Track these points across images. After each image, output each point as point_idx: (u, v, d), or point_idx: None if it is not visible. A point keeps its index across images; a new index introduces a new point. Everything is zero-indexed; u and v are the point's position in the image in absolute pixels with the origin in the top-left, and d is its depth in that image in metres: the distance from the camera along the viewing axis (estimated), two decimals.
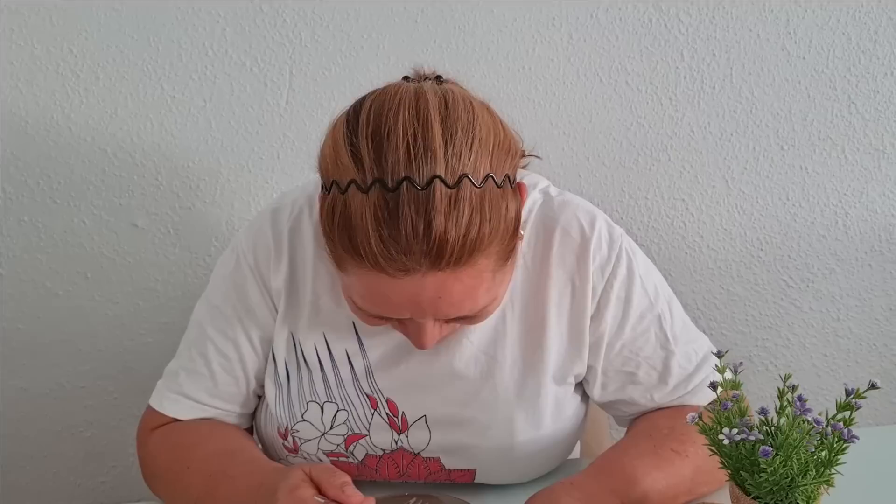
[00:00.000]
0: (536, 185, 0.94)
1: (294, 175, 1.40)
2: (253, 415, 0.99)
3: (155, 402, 0.96)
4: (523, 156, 0.89)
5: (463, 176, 0.72)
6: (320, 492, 0.76)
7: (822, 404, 1.68)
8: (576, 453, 1.12)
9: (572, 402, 0.94)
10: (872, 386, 0.66)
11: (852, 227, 1.59)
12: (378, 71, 1.39)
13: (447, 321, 0.81)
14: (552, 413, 0.91)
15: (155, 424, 0.97)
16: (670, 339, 0.92)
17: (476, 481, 0.93)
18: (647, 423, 0.93)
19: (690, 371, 0.93)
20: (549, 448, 0.93)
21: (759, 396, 0.86)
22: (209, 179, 1.39)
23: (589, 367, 0.92)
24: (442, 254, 0.71)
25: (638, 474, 0.82)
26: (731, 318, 1.60)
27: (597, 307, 0.89)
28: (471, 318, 0.81)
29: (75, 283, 1.39)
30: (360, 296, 0.79)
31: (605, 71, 1.47)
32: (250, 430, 1.01)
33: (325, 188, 0.78)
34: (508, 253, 0.79)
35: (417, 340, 0.81)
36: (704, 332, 1.34)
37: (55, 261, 1.37)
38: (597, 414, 1.27)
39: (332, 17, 1.36)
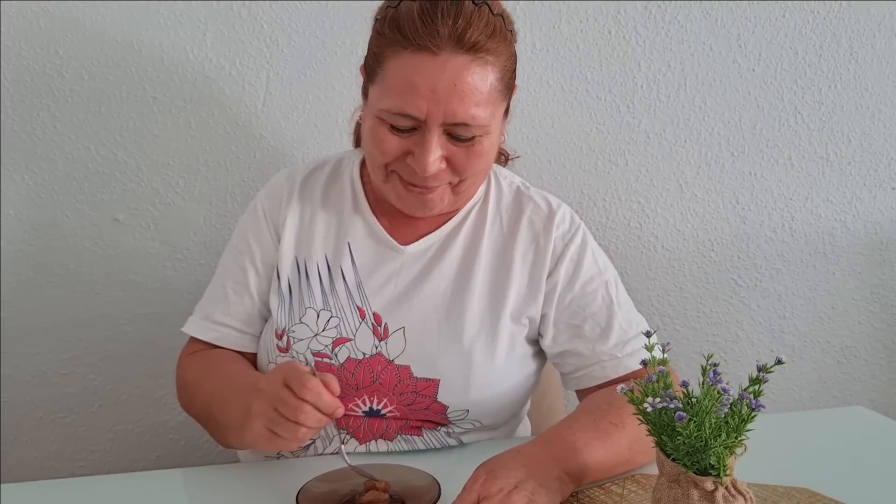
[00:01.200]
0: (516, 178, 1.17)
1: (269, 174, 1.45)
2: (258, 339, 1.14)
3: (185, 328, 1.13)
4: (507, 158, 1.22)
5: (485, 3, 0.94)
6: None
7: (767, 397, 1.78)
8: (528, 432, 1.21)
9: (523, 348, 1.08)
10: (778, 361, 0.75)
11: (798, 230, 1.69)
12: (351, 76, 1.46)
13: (451, 138, 0.96)
14: (506, 347, 1.05)
15: (188, 351, 1.14)
16: (615, 302, 1.08)
17: (439, 398, 1.03)
18: (588, 402, 1.02)
19: (630, 336, 1.06)
20: (501, 382, 1.05)
21: None
22: (188, 176, 1.45)
23: (543, 317, 1.08)
24: (463, 37, 0.92)
25: (578, 445, 0.90)
26: (684, 315, 1.68)
27: (554, 265, 1.08)
28: (468, 141, 0.97)
29: (58, 274, 1.44)
30: (390, 93, 0.95)
31: (567, 79, 1.55)
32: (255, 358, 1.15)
33: (376, 19, 0.99)
34: (507, 88, 0.99)
35: (422, 160, 0.96)
36: (657, 327, 1.43)
37: (39, 253, 1.42)
38: (553, 405, 1.36)
39: (307, 23, 1.43)
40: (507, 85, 1.00)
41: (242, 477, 1.00)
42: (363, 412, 1.05)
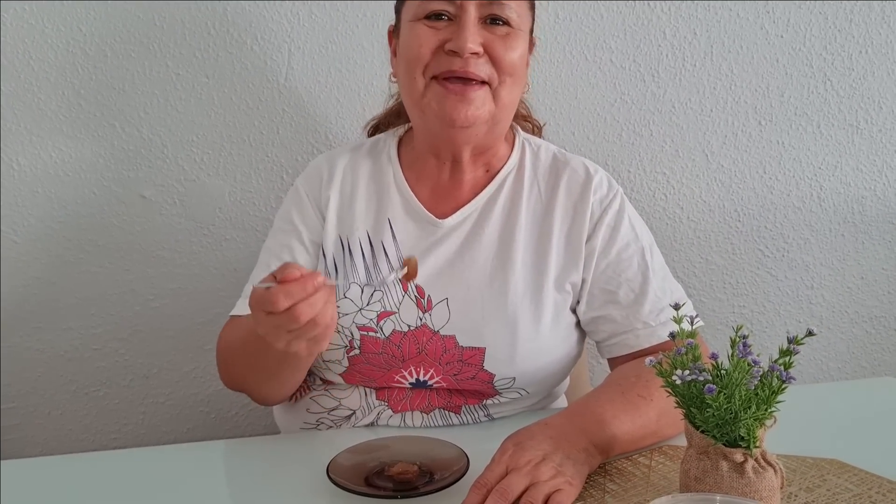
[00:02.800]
0: (551, 145, 1.18)
1: (292, 148, 1.47)
2: None
3: (233, 311, 1.12)
4: (539, 129, 1.27)
5: None
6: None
7: (795, 369, 1.77)
8: (561, 403, 1.21)
9: (569, 317, 1.09)
10: (809, 333, 0.74)
11: (826, 199, 1.66)
12: (372, 49, 1.46)
13: (486, 25, 1.01)
14: (551, 315, 1.05)
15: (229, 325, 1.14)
16: (650, 269, 1.08)
17: (486, 367, 1.04)
18: (617, 374, 1.03)
19: (664, 304, 1.06)
20: (546, 350, 1.05)
21: None
22: (212, 152, 1.46)
23: (582, 282, 1.08)
24: None
25: (606, 417, 0.91)
26: (710, 286, 1.67)
27: (592, 230, 1.08)
28: (504, 27, 1.01)
29: (87, 250, 1.46)
30: None
31: (590, 49, 1.53)
32: None
33: None
34: (531, 6, 1.07)
35: (460, 36, 0.99)
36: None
37: (68, 230, 1.44)
38: (580, 376, 1.36)
39: None
40: (532, 3, 1.07)
41: (274, 449, 1.02)
42: (409, 384, 1.06)
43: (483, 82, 1.02)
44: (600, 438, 0.88)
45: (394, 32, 1.11)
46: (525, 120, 1.26)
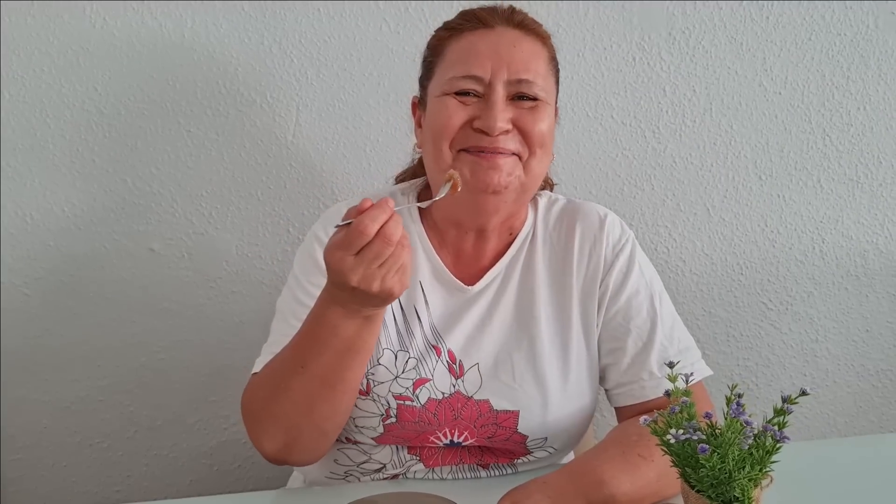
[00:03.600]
0: (559, 196, 1.20)
1: (299, 203, 1.50)
2: None
3: (254, 370, 1.06)
4: (551, 186, 1.26)
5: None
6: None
7: (801, 422, 1.76)
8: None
9: (592, 364, 1.09)
10: (803, 392, 0.75)
11: (828, 252, 1.67)
12: (378, 106, 1.49)
13: (515, 101, 1.02)
14: (576, 366, 1.07)
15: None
16: (658, 316, 1.08)
17: (520, 430, 1.04)
18: (618, 431, 1.03)
19: (671, 353, 1.06)
20: (574, 402, 1.06)
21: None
22: (221, 207, 1.49)
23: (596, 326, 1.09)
24: (514, 17, 1.06)
25: (605, 477, 0.91)
26: (714, 339, 1.67)
27: (605, 274, 1.09)
28: (532, 102, 1.02)
29: (96, 303, 1.48)
30: (454, 64, 1.03)
31: (592, 106, 1.56)
32: None
33: (428, 46, 1.11)
34: (555, 76, 1.09)
35: (489, 114, 0.99)
36: None
37: (78, 283, 1.47)
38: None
39: (335, 57, 1.47)
40: (556, 72, 1.10)
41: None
42: (443, 444, 1.07)
43: (513, 153, 1.02)
44: (598, 499, 0.88)
45: (419, 104, 1.12)
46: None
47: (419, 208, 1.13)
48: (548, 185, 1.26)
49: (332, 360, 0.93)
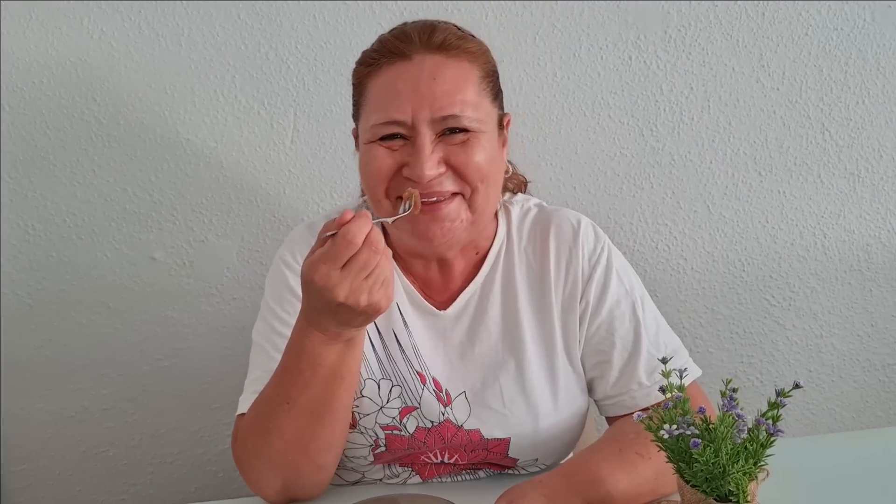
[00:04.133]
0: (530, 200, 1.14)
1: (298, 209, 1.50)
2: None
3: (240, 409, 1.02)
4: (524, 185, 1.17)
5: (450, 24, 1.00)
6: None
7: (807, 418, 1.74)
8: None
9: (578, 381, 1.06)
10: (796, 385, 0.74)
11: (831, 247, 1.66)
12: None
13: (444, 137, 0.94)
14: (564, 386, 1.04)
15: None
16: (642, 325, 1.05)
17: (510, 454, 1.03)
18: (615, 430, 1.02)
19: (658, 361, 1.01)
20: (564, 421, 1.04)
21: (746, 411, 0.93)
22: (221, 214, 1.50)
23: (578, 342, 1.05)
24: (432, 39, 0.95)
25: (602, 475, 0.90)
26: (717, 337, 1.66)
27: (583, 288, 1.05)
28: (463, 134, 0.95)
29: (98, 312, 1.49)
30: (374, 109, 0.96)
31: (589, 105, 1.56)
32: None
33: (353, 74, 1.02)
34: (493, 93, 1.00)
35: (417, 161, 0.92)
36: (690, 349, 1.42)
37: (80, 292, 1.48)
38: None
39: (332, 62, 1.47)
40: (493, 90, 1.00)
41: None
42: (435, 463, 1.06)
43: (454, 193, 0.96)
44: (595, 497, 0.88)
45: (354, 122, 1.04)
46: (509, 180, 1.15)
47: (383, 231, 1.05)
48: (521, 183, 1.19)
49: (318, 391, 0.91)
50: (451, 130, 0.94)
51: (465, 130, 0.95)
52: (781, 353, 1.68)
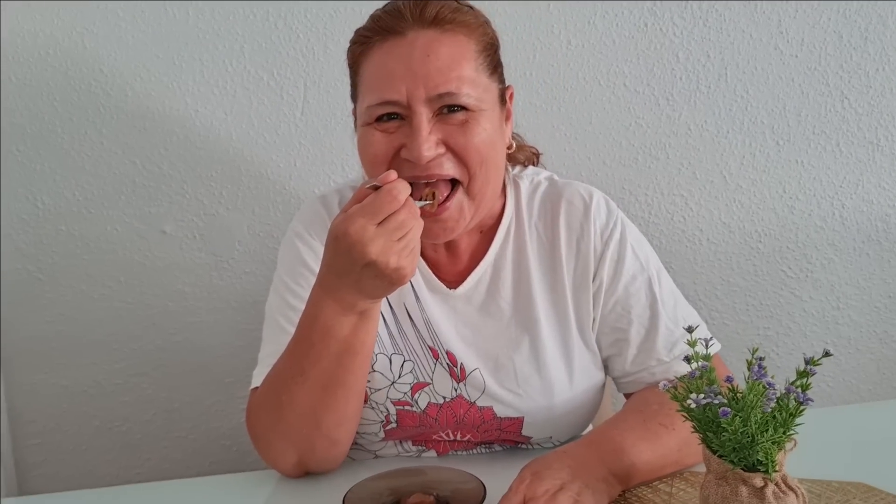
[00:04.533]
0: (540, 173, 1.10)
1: (310, 181, 1.49)
2: None
3: (254, 384, 1.02)
4: (536, 157, 1.14)
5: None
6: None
7: (823, 390, 1.73)
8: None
9: (594, 359, 1.05)
10: (826, 353, 0.73)
11: (849, 217, 1.64)
12: None
13: (442, 117, 0.91)
14: (579, 365, 1.02)
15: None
16: (658, 301, 1.02)
17: (524, 433, 1.02)
18: (638, 400, 1.01)
19: (677, 336, 1.01)
20: (579, 399, 1.02)
21: None
22: (231, 187, 1.48)
23: (593, 321, 1.03)
24: (425, 13, 0.92)
25: (626, 446, 0.89)
26: (733, 309, 1.64)
27: (597, 266, 1.02)
28: (461, 114, 0.92)
29: (110, 286, 1.48)
30: (369, 89, 0.93)
31: (604, 74, 1.54)
32: None
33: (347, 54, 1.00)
34: (492, 67, 0.96)
35: (414, 143, 0.90)
36: (706, 321, 1.41)
37: (91, 266, 1.47)
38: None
39: (342, 31, 1.44)
40: (492, 63, 0.97)
41: (295, 480, 1.02)
42: (447, 441, 1.05)
43: (452, 179, 0.93)
44: (619, 467, 0.87)
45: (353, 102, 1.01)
46: (518, 152, 1.12)
47: None
48: (533, 156, 1.16)
49: (330, 364, 0.90)
50: (449, 109, 0.92)
51: (463, 109, 0.92)
52: (798, 325, 1.67)
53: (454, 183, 0.94)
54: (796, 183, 1.62)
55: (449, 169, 0.92)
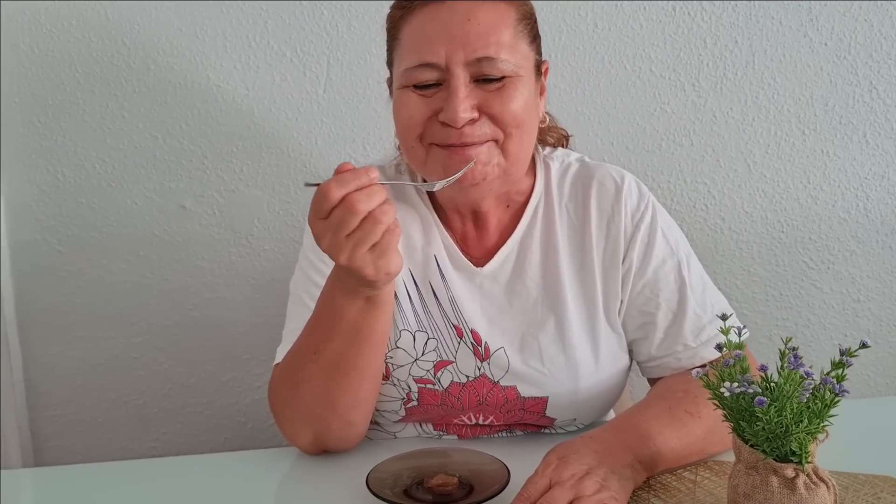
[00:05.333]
0: (571, 155, 1.10)
1: (331, 159, 1.48)
2: None
3: (276, 360, 1.03)
4: (566, 139, 1.15)
5: None
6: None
7: (845, 384, 1.71)
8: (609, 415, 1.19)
9: (620, 342, 1.04)
10: (863, 345, 0.72)
11: (873, 209, 1.62)
12: None
13: (479, 83, 0.92)
14: (605, 347, 1.01)
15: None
16: (687, 285, 1.02)
17: (548, 414, 1.02)
18: (663, 387, 1.00)
19: (704, 322, 1.01)
20: (605, 383, 1.02)
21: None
22: (252, 163, 1.47)
23: (621, 303, 1.03)
24: None
25: (651, 432, 0.88)
26: (752, 299, 1.63)
27: (626, 248, 1.02)
28: (498, 82, 0.92)
29: (128, 260, 1.48)
30: (408, 52, 0.93)
31: (630, 59, 1.52)
32: None
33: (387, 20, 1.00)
34: (531, 36, 0.97)
35: (451, 106, 0.90)
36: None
37: (110, 240, 1.46)
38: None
39: (366, 9, 1.43)
40: (531, 33, 0.97)
41: (313, 458, 1.01)
42: (469, 425, 1.05)
43: (488, 140, 0.94)
44: (645, 454, 0.86)
45: (388, 69, 1.03)
46: (549, 132, 1.14)
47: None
48: (562, 138, 1.17)
49: (341, 345, 0.91)
50: (485, 79, 0.92)
51: (500, 78, 0.92)
52: (817, 317, 1.65)
53: None
54: (821, 173, 1.60)
55: (484, 132, 0.93)
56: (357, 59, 1.45)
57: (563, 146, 1.16)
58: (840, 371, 0.71)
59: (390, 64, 1.00)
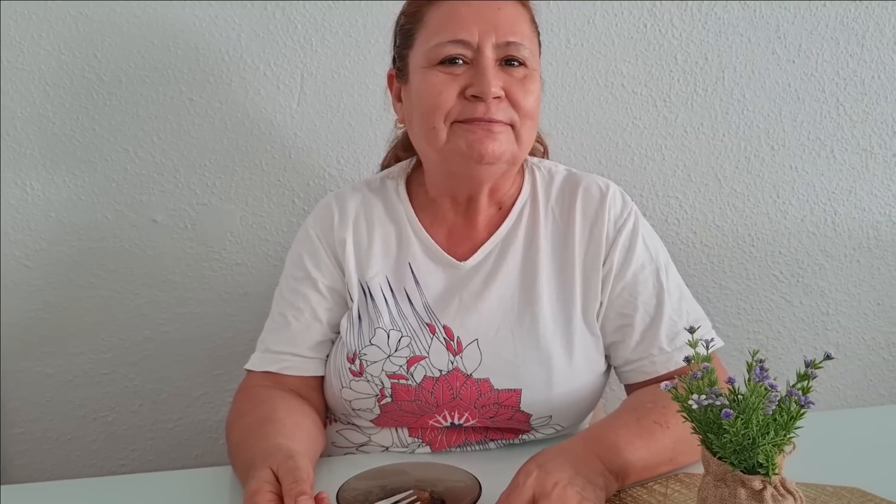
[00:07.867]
0: (559, 165, 1.16)
1: (304, 173, 1.47)
2: (325, 361, 1.10)
3: (248, 365, 1.09)
4: (544, 152, 1.22)
5: None
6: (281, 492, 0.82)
7: (811, 395, 1.73)
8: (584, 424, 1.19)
9: (597, 343, 1.06)
10: (827, 356, 0.73)
11: (841, 224, 1.65)
12: (384, 73, 1.46)
13: (503, 66, 0.99)
14: (581, 345, 1.04)
15: (244, 385, 1.09)
16: (665, 291, 1.05)
17: (522, 408, 1.02)
18: (633, 399, 1.01)
19: (679, 328, 1.04)
20: (580, 382, 1.04)
21: None
22: (224, 177, 1.46)
23: (600, 305, 1.06)
24: None
25: (620, 443, 0.89)
26: (724, 312, 1.65)
27: (607, 252, 1.06)
28: (521, 68, 1.00)
29: (98, 275, 1.46)
30: (438, 31, 0.99)
31: (602, 74, 1.53)
32: (321, 381, 1.10)
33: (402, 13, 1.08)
34: (537, 35, 1.05)
35: (482, 79, 0.97)
36: None
37: (80, 254, 1.44)
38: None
39: (340, 23, 1.44)
40: (538, 38, 1.05)
41: None
42: (444, 426, 1.05)
43: (507, 123, 1.00)
44: (615, 464, 0.87)
45: (397, 77, 1.09)
46: (536, 140, 1.20)
47: (406, 186, 1.12)
48: (542, 147, 1.23)
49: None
50: (510, 61, 0.99)
51: (523, 65, 1.00)
52: (787, 330, 1.67)
53: None
54: (790, 188, 1.62)
55: (504, 115, 0.99)
56: (331, 72, 1.45)
57: (542, 156, 1.22)
58: (805, 383, 0.71)
59: (407, 47, 1.04)
